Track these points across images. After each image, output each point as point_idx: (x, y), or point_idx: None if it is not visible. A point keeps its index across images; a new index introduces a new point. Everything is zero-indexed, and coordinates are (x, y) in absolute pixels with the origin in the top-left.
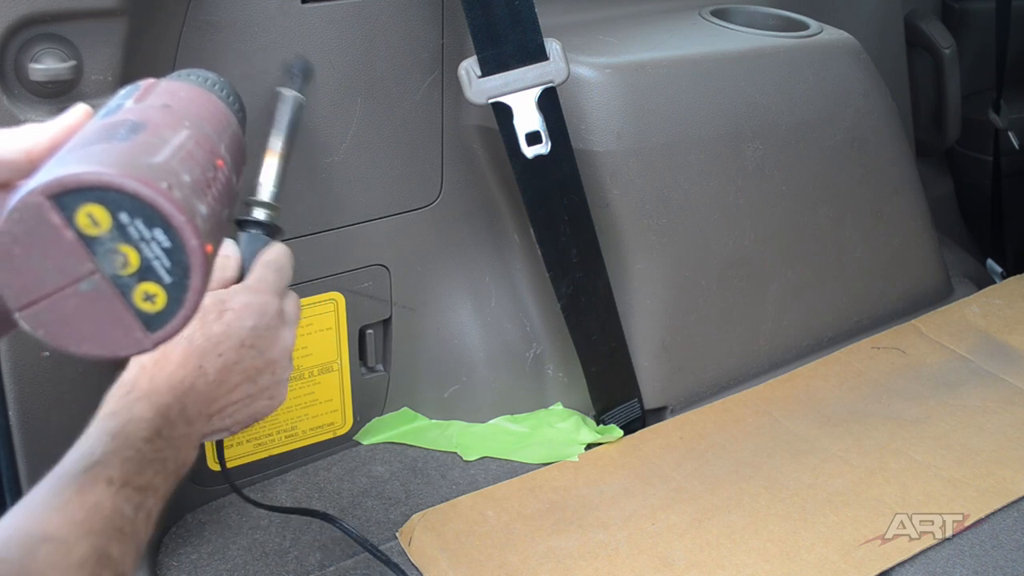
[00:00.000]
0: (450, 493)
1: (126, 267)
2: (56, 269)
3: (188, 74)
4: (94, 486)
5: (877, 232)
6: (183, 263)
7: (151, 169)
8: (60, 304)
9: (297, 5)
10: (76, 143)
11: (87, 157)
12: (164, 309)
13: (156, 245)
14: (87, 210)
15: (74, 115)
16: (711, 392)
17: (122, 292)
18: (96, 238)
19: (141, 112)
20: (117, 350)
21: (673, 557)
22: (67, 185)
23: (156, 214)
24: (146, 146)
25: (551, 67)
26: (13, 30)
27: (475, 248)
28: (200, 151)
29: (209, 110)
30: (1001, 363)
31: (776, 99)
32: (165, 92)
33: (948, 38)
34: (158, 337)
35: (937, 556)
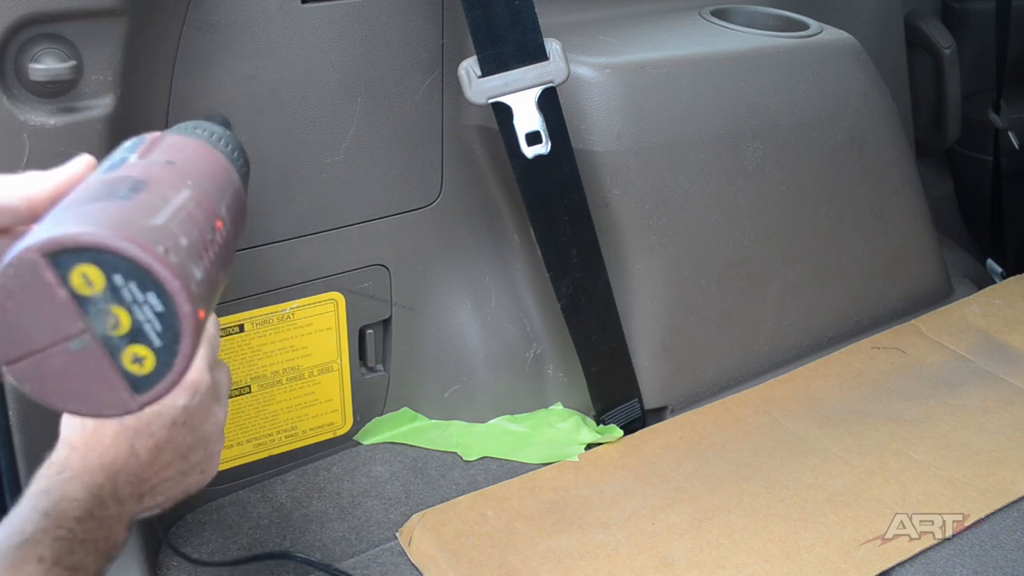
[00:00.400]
0: (450, 493)
1: (117, 328)
2: (47, 326)
3: (194, 127)
4: (24, 564)
5: (877, 232)
6: (174, 328)
7: (149, 232)
8: (49, 361)
9: (297, 5)
10: (76, 198)
11: (85, 217)
12: (152, 372)
13: (148, 308)
14: (82, 270)
15: (77, 165)
16: (711, 392)
17: (111, 353)
18: (89, 298)
19: (144, 169)
20: (103, 410)
21: (673, 557)
22: (64, 244)
23: (150, 278)
24: (145, 207)
25: (551, 67)
26: (13, 30)
27: (475, 248)
28: (200, 212)
29: (213, 168)
30: (1001, 363)
31: (776, 99)
32: (170, 147)
33: (948, 38)
34: (144, 399)
35: (937, 556)
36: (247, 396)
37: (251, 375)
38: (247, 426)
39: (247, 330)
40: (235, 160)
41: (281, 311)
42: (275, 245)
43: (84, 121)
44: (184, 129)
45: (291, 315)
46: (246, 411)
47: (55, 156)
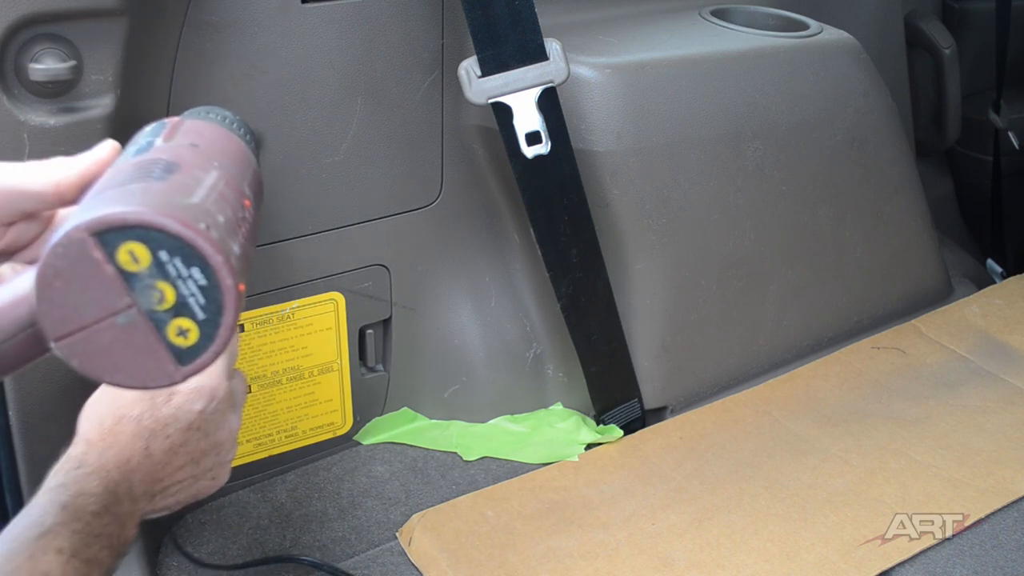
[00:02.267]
0: (450, 493)
1: (162, 303)
2: (95, 302)
3: (207, 112)
4: (44, 555)
5: (877, 232)
6: (217, 300)
7: (190, 210)
8: (96, 336)
9: (297, 5)
10: (113, 180)
11: (129, 196)
12: (196, 344)
13: (192, 283)
14: (128, 247)
15: (103, 150)
16: (711, 392)
17: (157, 327)
18: (135, 274)
19: (172, 152)
20: (148, 382)
21: (673, 557)
22: (111, 223)
23: (194, 253)
24: (182, 187)
25: (551, 67)
26: (13, 30)
27: (475, 248)
28: (230, 191)
29: (232, 149)
30: (1001, 363)
31: (776, 99)
32: (191, 131)
33: (948, 38)
34: (188, 371)
35: (937, 556)
36: (247, 396)
37: (251, 375)
38: (247, 426)
39: (247, 330)
40: (249, 142)
41: (281, 311)
42: (275, 245)
43: (84, 121)
44: (199, 114)
45: (291, 315)
46: (246, 411)
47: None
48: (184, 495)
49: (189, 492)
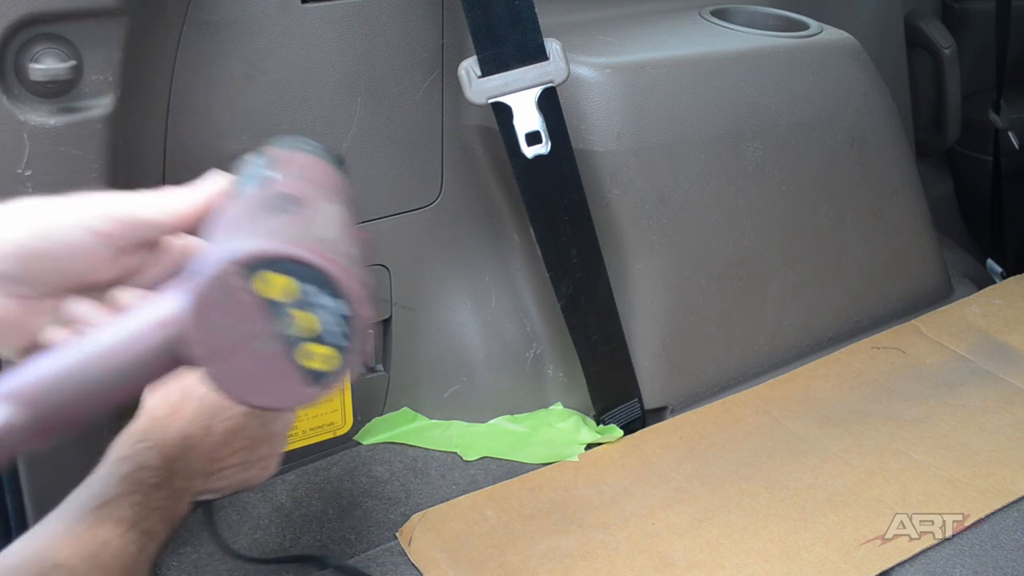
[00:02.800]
0: (450, 493)
1: (302, 331)
2: (242, 330)
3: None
4: (104, 524)
5: (877, 232)
6: (351, 329)
7: (329, 245)
8: (242, 361)
9: (297, 5)
10: (247, 214)
11: (274, 232)
12: (329, 368)
13: (329, 312)
14: (275, 279)
15: (218, 182)
16: (711, 392)
17: (295, 352)
18: (280, 304)
19: (292, 186)
20: (284, 403)
21: (673, 557)
22: (263, 257)
23: (334, 285)
24: (314, 222)
25: (551, 67)
26: (13, 30)
27: (475, 248)
28: (347, 223)
29: (335, 182)
30: (1001, 363)
31: (776, 99)
32: (297, 164)
33: (948, 38)
34: (320, 392)
35: (937, 556)
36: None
37: None
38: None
39: None
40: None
41: None
42: None
43: (84, 121)
44: (294, 145)
45: None
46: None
47: (55, 156)
48: (235, 480)
49: (241, 478)
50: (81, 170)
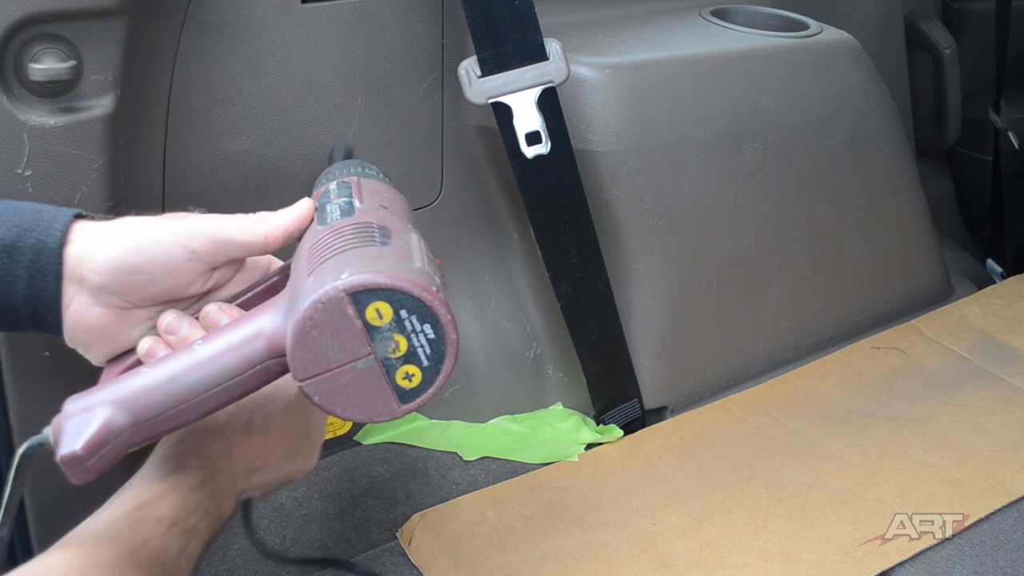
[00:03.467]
0: (450, 493)
1: (396, 352)
2: (341, 350)
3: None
4: (144, 524)
5: (877, 232)
6: (441, 351)
7: (422, 275)
8: (338, 378)
9: (297, 5)
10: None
11: (372, 262)
12: (418, 387)
13: (423, 336)
14: (376, 306)
15: (304, 207)
16: (711, 392)
17: (388, 372)
18: (378, 328)
19: (376, 215)
20: (374, 416)
21: (673, 557)
22: (366, 286)
23: (429, 312)
24: (404, 252)
25: (551, 67)
26: (13, 30)
27: (475, 248)
28: (429, 251)
29: (405, 207)
30: (1001, 363)
31: (776, 99)
32: (374, 192)
33: (948, 38)
34: (408, 408)
35: (937, 556)
36: None
37: None
38: None
39: None
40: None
41: None
42: None
43: (84, 121)
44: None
45: None
46: None
47: (55, 156)
48: (277, 476)
49: (281, 473)
50: (81, 170)
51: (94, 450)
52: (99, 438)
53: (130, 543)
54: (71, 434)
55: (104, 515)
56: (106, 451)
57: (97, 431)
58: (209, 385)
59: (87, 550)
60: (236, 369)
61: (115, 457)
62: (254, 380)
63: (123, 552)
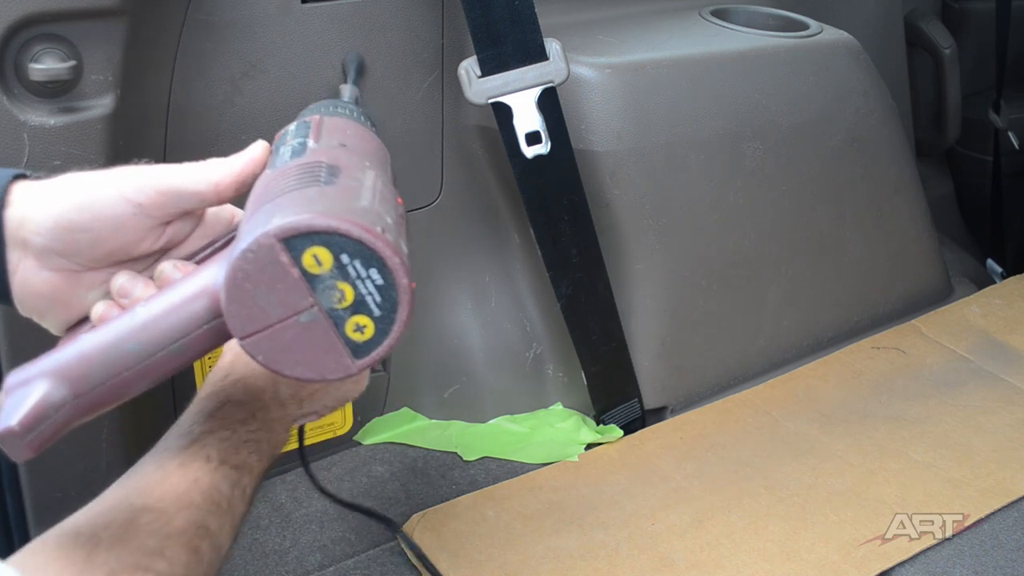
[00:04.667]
0: (450, 493)
1: (342, 302)
2: (280, 303)
3: (335, 106)
4: (193, 462)
5: (877, 232)
6: (393, 298)
7: (365, 214)
8: (280, 334)
9: (297, 5)
10: (282, 184)
11: (309, 202)
12: (371, 339)
13: (370, 283)
14: (313, 251)
15: (256, 150)
16: (711, 392)
17: (336, 324)
18: (318, 276)
19: (328, 154)
20: (326, 374)
21: (673, 557)
22: (298, 229)
23: (374, 255)
24: (350, 191)
25: (551, 67)
26: (13, 30)
27: (475, 248)
28: (386, 191)
29: (373, 146)
30: (1001, 363)
31: (776, 99)
32: (335, 130)
33: (948, 38)
34: (363, 363)
35: (937, 556)
36: None
37: None
38: None
39: None
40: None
41: None
42: None
43: (84, 121)
44: (329, 109)
45: None
46: None
47: (55, 156)
48: (330, 399)
49: (335, 396)
50: (81, 170)
51: (31, 425)
52: (36, 413)
53: (181, 484)
54: (8, 409)
55: (155, 456)
56: (45, 426)
57: (34, 406)
58: (152, 350)
59: (136, 494)
60: (179, 331)
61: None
62: (202, 342)
63: (174, 493)
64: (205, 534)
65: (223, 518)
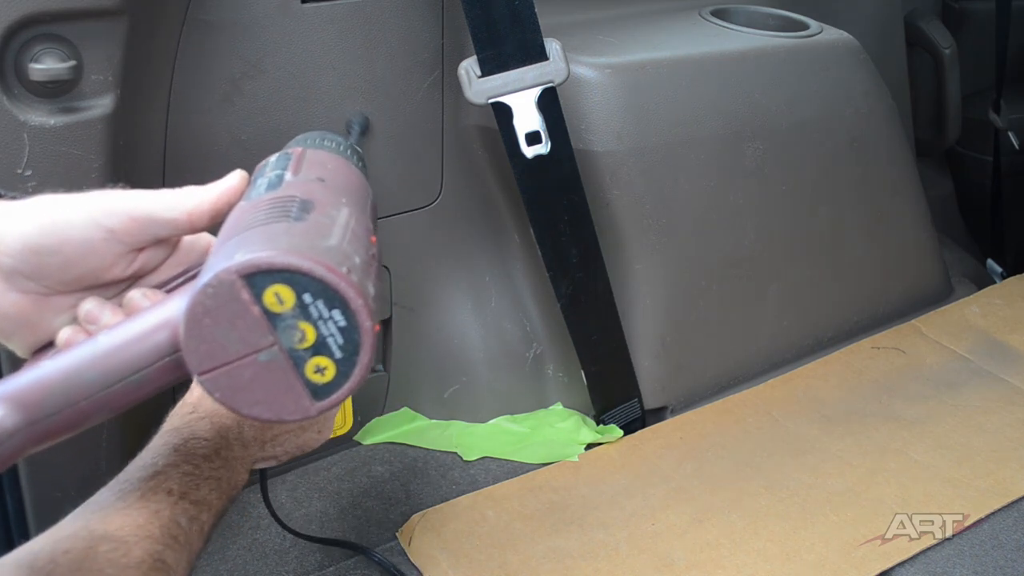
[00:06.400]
0: (450, 493)
1: (303, 342)
2: (240, 340)
3: (322, 139)
4: (155, 495)
5: (877, 232)
6: (355, 341)
7: (331, 253)
8: (239, 371)
9: (297, 5)
10: (253, 218)
11: (275, 239)
12: (332, 381)
13: (332, 324)
14: (275, 289)
15: (233, 180)
16: (711, 392)
17: (296, 364)
18: (279, 315)
19: (304, 188)
20: (284, 415)
21: (673, 557)
22: (260, 266)
23: (337, 296)
24: (320, 228)
25: (551, 67)
26: (13, 30)
27: (475, 248)
28: (360, 229)
29: (353, 182)
30: (1001, 363)
31: (776, 99)
32: (316, 163)
33: (948, 38)
34: (323, 406)
35: (937, 556)
36: None
37: None
38: None
39: None
40: (363, 169)
41: None
42: None
43: (84, 121)
44: (316, 142)
45: None
46: None
47: (55, 156)
48: (291, 445)
49: (296, 443)
50: (81, 170)
51: None
52: None
53: (140, 515)
54: None
55: (116, 486)
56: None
57: None
58: (111, 380)
59: (97, 523)
60: (141, 362)
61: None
62: (163, 374)
63: (133, 524)
64: (162, 567)
65: (180, 552)
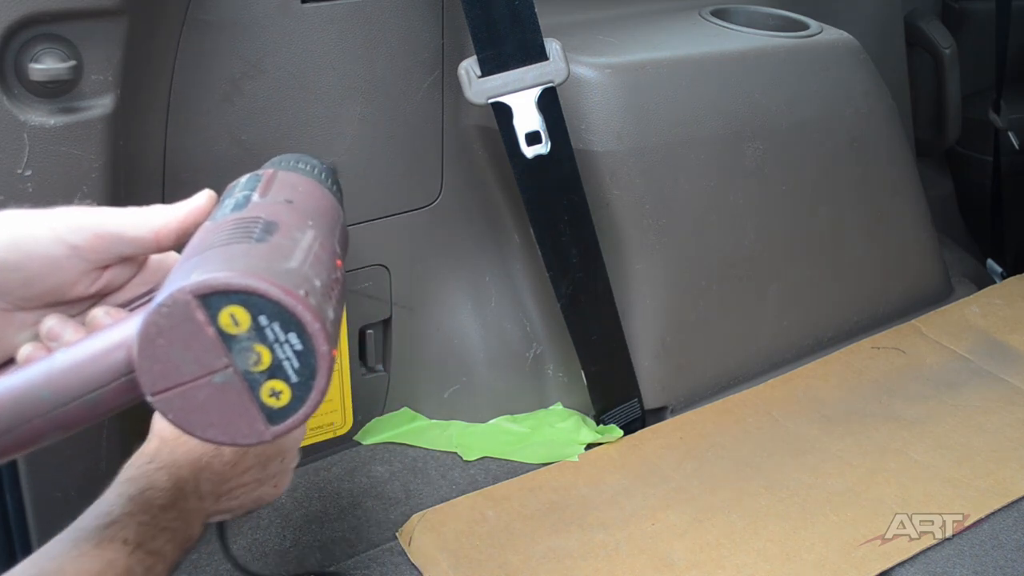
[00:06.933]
0: (450, 493)
1: (258, 365)
2: (194, 361)
3: (297, 161)
4: (110, 544)
5: (877, 232)
6: (311, 365)
7: (289, 276)
8: (193, 393)
9: (297, 5)
10: (214, 239)
11: (232, 260)
12: (287, 406)
13: (288, 347)
14: (230, 311)
15: (200, 199)
16: (711, 392)
17: (251, 387)
18: (234, 336)
19: (269, 209)
20: (238, 439)
21: (673, 557)
22: (215, 287)
23: (293, 319)
24: (281, 250)
25: (551, 67)
26: (13, 30)
27: (475, 248)
28: (324, 252)
29: (324, 205)
30: (1001, 363)
31: (776, 99)
32: (286, 185)
33: (948, 38)
34: (278, 430)
35: (937, 556)
36: None
37: None
38: None
39: None
40: (336, 194)
41: None
42: None
43: (84, 121)
44: (290, 164)
45: None
46: None
47: (55, 156)
48: (247, 499)
49: (253, 496)
50: (81, 170)
51: None
52: None
53: (95, 564)
54: None
55: (71, 534)
56: None
57: None
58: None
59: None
60: (96, 381)
61: None
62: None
63: (89, 572)
64: None
65: None
